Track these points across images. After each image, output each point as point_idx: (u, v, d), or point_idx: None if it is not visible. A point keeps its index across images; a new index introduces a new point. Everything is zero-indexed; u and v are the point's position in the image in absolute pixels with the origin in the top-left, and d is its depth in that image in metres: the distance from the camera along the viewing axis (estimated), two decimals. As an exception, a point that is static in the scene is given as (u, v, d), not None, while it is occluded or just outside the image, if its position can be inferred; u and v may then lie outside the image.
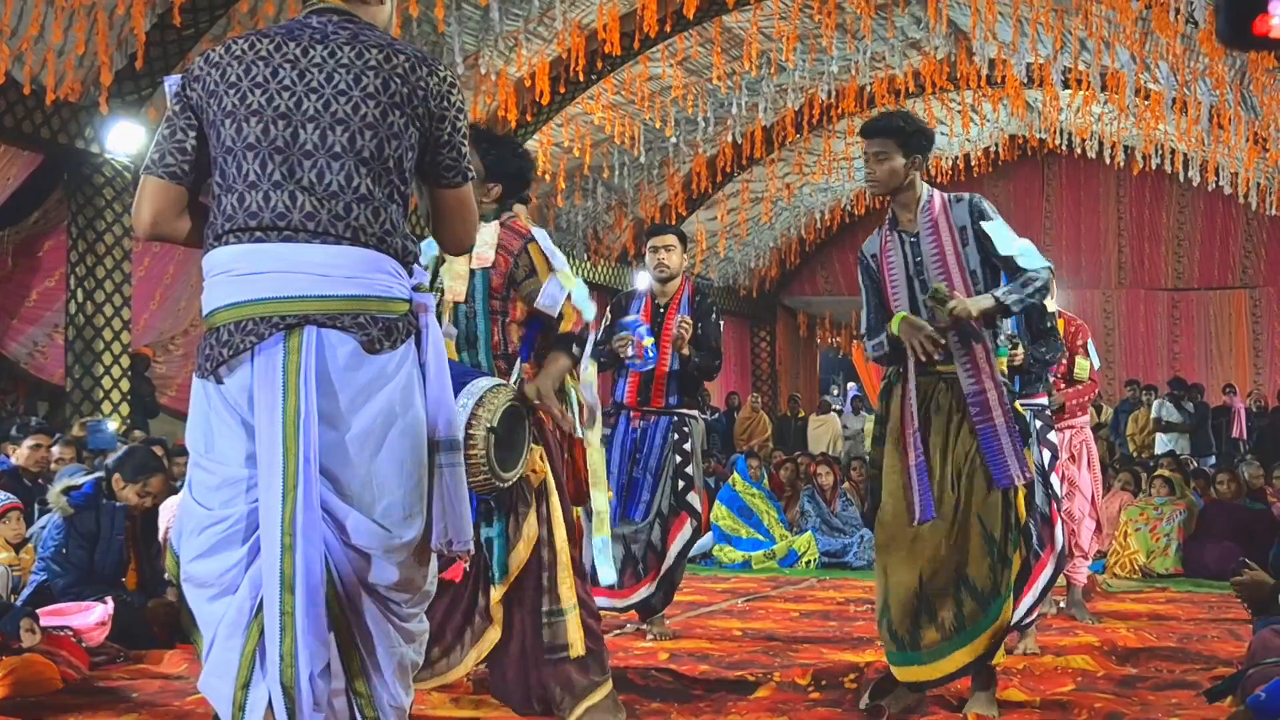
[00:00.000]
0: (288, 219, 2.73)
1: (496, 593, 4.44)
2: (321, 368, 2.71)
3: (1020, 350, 5.95)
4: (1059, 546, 5.92)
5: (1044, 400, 6.40)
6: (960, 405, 4.67)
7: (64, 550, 6.14)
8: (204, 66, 2.83)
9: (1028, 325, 6.20)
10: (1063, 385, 7.15)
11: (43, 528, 7.06)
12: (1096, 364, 7.46)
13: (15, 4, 10.57)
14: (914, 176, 4.78)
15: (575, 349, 4.47)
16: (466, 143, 2.93)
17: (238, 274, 2.75)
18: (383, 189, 2.79)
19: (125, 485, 6.30)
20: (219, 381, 2.76)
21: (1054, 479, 6.10)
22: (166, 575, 6.11)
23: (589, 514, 4.74)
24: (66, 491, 6.30)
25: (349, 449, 2.74)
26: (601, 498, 4.73)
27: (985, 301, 4.59)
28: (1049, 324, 6.28)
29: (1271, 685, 3.43)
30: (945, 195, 4.83)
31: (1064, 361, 6.99)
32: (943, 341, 4.63)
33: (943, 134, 20.36)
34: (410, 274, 2.86)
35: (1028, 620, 6.03)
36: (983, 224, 4.70)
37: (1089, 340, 7.36)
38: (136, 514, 6.35)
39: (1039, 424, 6.12)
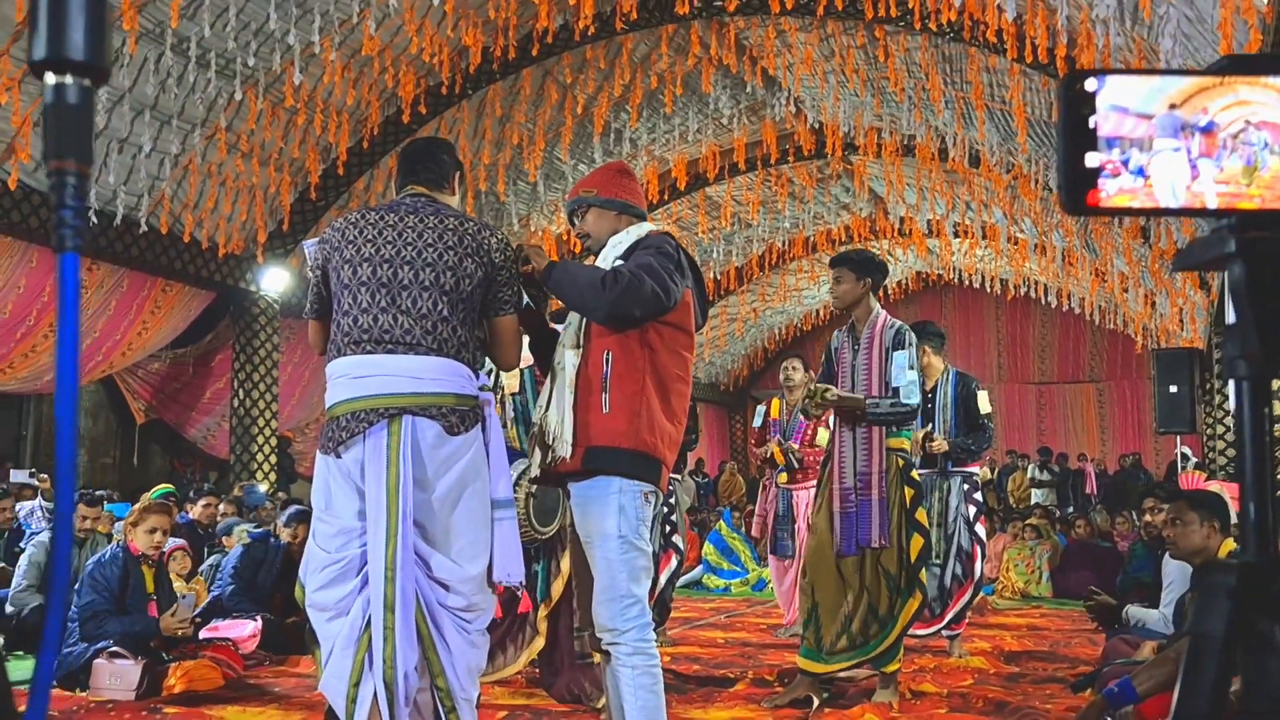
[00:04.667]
0: (391, 334, 2.77)
1: (542, 611, 4.39)
2: (415, 446, 2.72)
3: (944, 441, 5.76)
4: (977, 576, 5.91)
5: (975, 470, 6.04)
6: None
7: (237, 566, 6.19)
8: (330, 231, 2.92)
9: (965, 419, 5.94)
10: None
11: (213, 565, 7.04)
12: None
13: (198, 185, 10.74)
14: (866, 296, 4.54)
15: None
16: (519, 285, 2.96)
17: (353, 377, 2.77)
18: (458, 314, 2.82)
19: (283, 529, 6.36)
20: (338, 456, 2.76)
21: (979, 527, 5.98)
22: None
23: None
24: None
25: (434, 506, 2.74)
26: None
27: (852, 401, 4.42)
28: (982, 422, 5.92)
29: (1122, 680, 3.38)
30: (888, 319, 4.55)
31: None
32: (817, 414, 4.49)
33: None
34: (477, 377, 2.87)
35: (954, 633, 5.98)
36: (894, 351, 4.45)
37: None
38: (294, 548, 6.21)
39: (966, 487, 5.92)
